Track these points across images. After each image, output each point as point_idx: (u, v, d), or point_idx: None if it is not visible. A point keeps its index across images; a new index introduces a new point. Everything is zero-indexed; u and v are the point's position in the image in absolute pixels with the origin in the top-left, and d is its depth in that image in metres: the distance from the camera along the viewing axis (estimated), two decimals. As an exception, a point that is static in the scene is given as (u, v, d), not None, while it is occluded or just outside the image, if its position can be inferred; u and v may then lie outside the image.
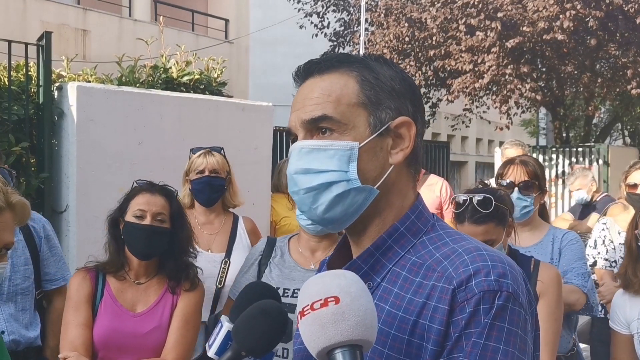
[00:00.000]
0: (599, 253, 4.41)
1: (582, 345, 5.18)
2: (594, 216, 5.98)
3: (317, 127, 1.25)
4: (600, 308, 4.26)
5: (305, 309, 1.06)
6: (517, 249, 2.93)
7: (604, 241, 4.39)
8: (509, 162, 3.47)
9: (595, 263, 4.41)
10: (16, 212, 1.85)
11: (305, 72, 1.31)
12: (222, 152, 3.74)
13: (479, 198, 2.64)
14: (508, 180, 3.32)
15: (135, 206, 2.77)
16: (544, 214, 3.53)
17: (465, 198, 2.68)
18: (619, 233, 4.33)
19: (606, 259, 4.35)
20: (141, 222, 2.74)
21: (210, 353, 1.58)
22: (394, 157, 1.26)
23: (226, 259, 3.62)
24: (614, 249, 4.34)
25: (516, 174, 3.33)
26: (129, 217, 2.76)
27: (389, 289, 1.22)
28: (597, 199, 6.68)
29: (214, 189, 3.65)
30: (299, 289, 2.64)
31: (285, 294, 2.67)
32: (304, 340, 1.07)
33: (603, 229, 4.44)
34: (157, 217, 2.76)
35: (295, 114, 1.28)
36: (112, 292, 2.77)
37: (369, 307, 1.06)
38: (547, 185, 3.52)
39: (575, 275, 3.20)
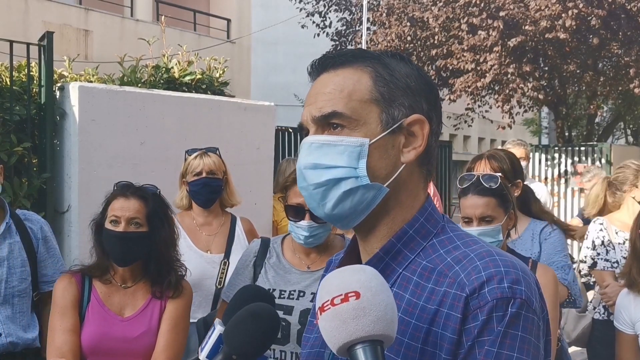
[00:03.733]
0: (598, 254, 4.30)
1: (577, 349, 5.15)
2: None
3: (328, 122, 1.23)
4: (603, 310, 4.22)
5: (325, 305, 1.05)
6: (514, 249, 2.95)
7: (602, 242, 4.30)
8: (478, 158, 3.58)
9: (595, 264, 4.32)
10: None
11: (320, 67, 1.28)
12: (217, 152, 3.73)
13: (486, 175, 2.80)
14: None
15: (111, 212, 2.73)
16: (526, 207, 3.55)
17: (473, 174, 2.81)
18: (617, 233, 4.28)
19: (607, 260, 4.28)
20: (115, 229, 2.70)
21: (202, 356, 1.57)
22: (406, 156, 1.23)
23: (225, 260, 3.61)
24: (614, 249, 4.29)
25: (481, 169, 3.41)
26: (107, 224, 2.73)
27: (400, 295, 1.19)
28: None
29: (212, 190, 3.64)
30: (294, 291, 2.64)
31: (282, 296, 2.66)
32: (324, 336, 1.06)
33: (601, 230, 4.33)
34: (131, 222, 2.71)
35: (307, 109, 1.26)
36: (99, 296, 2.73)
37: (390, 302, 1.05)
38: (521, 179, 3.59)
39: (556, 269, 3.22)
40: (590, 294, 4.72)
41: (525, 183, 5.34)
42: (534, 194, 3.72)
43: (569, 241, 3.72)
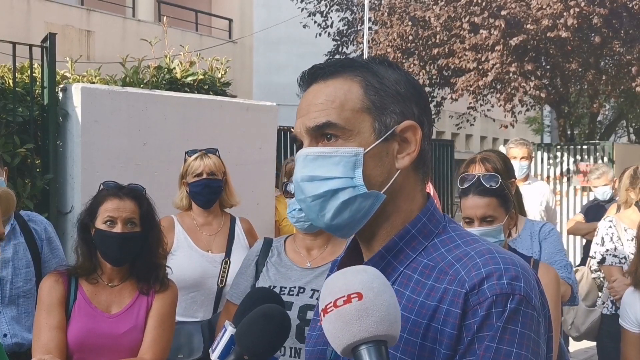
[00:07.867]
0: (607, 250, 4.46)
1: (587, 344, 5.21)
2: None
3: (321, 133, 1.24)
4: (610, 305, 4.31)
5: (328, 307, 1.06)
6: (516, 249, 2.97)
7: (611, 238, 4.46)
8: (471, 162, 3.59)
9: (603, 260, 4.46)
10: (1, 203, 1.86)
11: (310, 78, 1.30)
12: (217, 153, 3.75)
13: (487, 175, 2.80)
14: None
15: (105, 212, 2.72)
16: (519, 206, 3.60)
17: (473, 175, 2.81)
18: (625, 230, 4.40)
19: (615, 256, 4.41)
20: (112, 230, 2.70)
21: (214, 357, 1.59)
22: (401, 162, 1.25)
23: (226, 259, 3.63)
24: (622, 245, 4.40)
25: (476, 172, 3.42)
26: (99, 224, 2.72)
27: (401, 292, 1.21)
28: (617, 198, 6.68)
29: (212, 191, 3.66)
30: (294, 287, 2.67)
31: (282, 292, 2.70)
32: (328, 338, 1.07)
33: (610, 227, 4.50)
34: (127, 223, 2.72)
35: (300, 121, 1.28)
36: (86, 294, 2.74)
37: (392, 302, 1.06)
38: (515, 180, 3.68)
39: (559, 268, 3.26)
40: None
41: (528, 182, 5.39)
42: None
43: (577, 238, 3.79)
